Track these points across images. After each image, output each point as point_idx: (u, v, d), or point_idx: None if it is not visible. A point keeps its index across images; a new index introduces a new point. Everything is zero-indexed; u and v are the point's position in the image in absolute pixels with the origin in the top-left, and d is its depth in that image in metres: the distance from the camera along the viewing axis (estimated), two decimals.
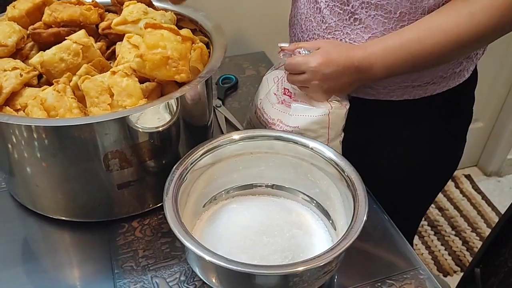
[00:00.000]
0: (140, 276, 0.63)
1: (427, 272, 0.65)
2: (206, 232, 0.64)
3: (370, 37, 0.76)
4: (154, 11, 0.76)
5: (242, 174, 0.70)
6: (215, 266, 0.53)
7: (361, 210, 0.56)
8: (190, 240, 0.52)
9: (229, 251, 0.59)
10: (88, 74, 0.66)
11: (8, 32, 0.70)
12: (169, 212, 0.56)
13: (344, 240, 0.53)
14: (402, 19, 0.73)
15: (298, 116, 0.72)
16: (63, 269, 0.65)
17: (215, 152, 0.66)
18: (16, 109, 0.66)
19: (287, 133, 0.68)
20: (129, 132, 0.62)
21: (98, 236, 0.69)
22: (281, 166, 0.69)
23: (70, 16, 0.72)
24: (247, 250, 0.60)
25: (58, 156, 0.62)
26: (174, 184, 0.60)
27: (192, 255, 0.56)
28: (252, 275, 0.52)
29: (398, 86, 0.79)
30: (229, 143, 0.67)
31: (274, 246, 0.60)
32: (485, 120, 1.94)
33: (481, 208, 1.90)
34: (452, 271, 1.66)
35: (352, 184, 0.60)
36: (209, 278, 0.57)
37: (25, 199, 0.72)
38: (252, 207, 0.67)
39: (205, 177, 0.67)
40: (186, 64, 0.65)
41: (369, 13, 0.74)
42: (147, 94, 0.66)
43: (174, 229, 0.53)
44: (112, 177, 0.65)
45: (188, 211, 0.64)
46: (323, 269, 0.54)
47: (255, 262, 0.58)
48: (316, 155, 0.65)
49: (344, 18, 0.77)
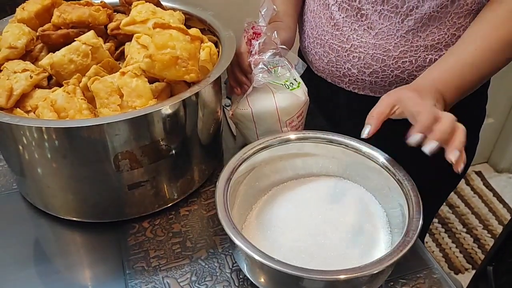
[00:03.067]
0: (151, 277, 0.63)
1: (440, 271, 0.64)
2: (262, 220, 0.65)
3: (377, 32, 0.76)
4: (162, 11, 0.75)
5: (297, 172, 0.71)
6: (263, 266, 0.53)
7: (415, 221, 0.56)
8: (240, 239, 0.53)
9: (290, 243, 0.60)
10: (97, 75, 0.66)
11: (17, 34, 0.70)
12: (220, 207, 0.57)
13: (399, 250, 0.52)
14: (409, 13, 0.73)
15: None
16: (75, 270, 0.65)
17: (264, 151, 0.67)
18: (26, 110, 0.66)
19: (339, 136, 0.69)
20: (139, 132, 0.62)
21: (109, 236, 0.69)
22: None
23: (79, 17, 0.72)
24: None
25: (69, 157, 0.62)
26: (225, 181, 0.61)
27: (240, 253, 0.57)
28: (301, 278, 0.51)
29: (404, 83, 0.79)
30: (283, 142, 0.68)
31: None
32: (496, 116, 1.92)
33: (493, 205, 1.89)
34: (464, 269, 1.65)
35: (407, 189, 0.60)
36: (256, 277, 0.58)
37: (36, 200, 0.72)
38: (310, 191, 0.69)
39: (253, 176, 0.68)
40: (196, 64, 0.65)
41: (376, 8, 0.74)
42: (157, 94, 0.65)
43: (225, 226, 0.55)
44: (122, 177, 0.65)
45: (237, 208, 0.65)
46: (374, 277, 0.54)
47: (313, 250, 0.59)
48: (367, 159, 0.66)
49: (351, 14, 0.77)
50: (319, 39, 0.85)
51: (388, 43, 0.77)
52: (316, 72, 0.90)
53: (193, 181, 0.74)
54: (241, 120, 0.77)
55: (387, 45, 0.77)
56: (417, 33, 0.75)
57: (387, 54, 0.77)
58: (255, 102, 0.75)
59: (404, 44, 0.76)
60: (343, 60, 0.82)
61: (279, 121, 0.75)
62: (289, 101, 0.75)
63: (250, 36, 0.74)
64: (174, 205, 0.73)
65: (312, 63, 0.90)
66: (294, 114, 0.76)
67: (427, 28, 0.75)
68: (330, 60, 0.84)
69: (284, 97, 0.74)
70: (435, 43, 0.76)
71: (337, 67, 0.84)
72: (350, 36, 0.79)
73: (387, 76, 0.79)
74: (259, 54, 0.73)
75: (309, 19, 0.87)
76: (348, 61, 0.81)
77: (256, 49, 0.73)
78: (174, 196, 0.73)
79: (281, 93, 0.74)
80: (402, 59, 0.77)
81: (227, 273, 0.64)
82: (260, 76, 0.72)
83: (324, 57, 0.85)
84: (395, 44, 0.76)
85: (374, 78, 0.80)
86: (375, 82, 0.81)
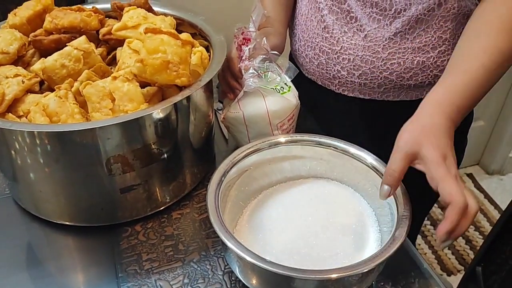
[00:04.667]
0: (144, 280, 0.64)
1: (430, 271, 0.65)
2: (254, 220, 0.65)
3: (366, 34, 0.77)
4: (153, 16, 0.76)
5: (285, 175, 0.72)
6: (255, 267, 0.53)
7: (404, 218, 0.57)
8: (232, 240, 0.53)
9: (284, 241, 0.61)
10: (89, 79, 0.66)
11: (9, 39, 0.70)
12: (211, 211, 0.57)
13: (389, 248, 0.53)
14: (397, 16, 0.74)
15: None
16: (67, 273, 0.65)
17: (255, 155, 0.68)
18: (18, 115, 0.66)
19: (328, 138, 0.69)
20: (131, 136, 0.63)
21: (102, 240, 0.69)
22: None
23: (70, 23, 0.73)
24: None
25: (61, 161, 0.63)
26: (216, 185, 0.61)
27: (232, 255, 0.57)
28: (291, 278, 0.52)
29: (392, 85, 0.80)
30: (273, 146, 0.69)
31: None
32: (486, 118, 1.94)
33: (484, 206, 1.90)
34: (456, 270, 1.66)
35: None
36: (248, 278, 0.58)
37: (28, 204, 0.72)
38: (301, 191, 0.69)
39: (243, 179, 0.68)
40: (187, 68, 0.66)
41: (365, 11, 0.76)
42: (148, 98, 0.66)
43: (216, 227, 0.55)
44: (114, 181, 0.65)
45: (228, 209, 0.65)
46: (365, 275, 0.55)
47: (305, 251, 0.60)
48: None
49: (341, 16, 0.78)
50: (310, 42, 0.86)
51: (377, 45, 0.78)
52: (306, 74, 0.91)
53: (185, 184, 0.75)
54: (232, 123, 0.78)
55: (376, 47, 0.78)
56: (405, 35, 0.76)
57: (376, 56, 0.79)
58: (246, 106, 0.75)
59: (393, 46, 0.77)
60: (333, 62, 0.83)
61: (270, 124, 0.76)
62: (280, 104, 0.75)
63: (240, 42, 0.75)
64: (166, 208, 0.73)
65: (303, 65, 0.91)
66: (285, 118, 0.77)
67: (415, 30, 0.76)
68: (321, 62, 0.85)
69: (274, 101, 0.75)
70: (423, 45, 0.77)
71: (327, 69, 0.85)
72: (340, 39, 0.80)
73: (376, 77, 0.80)
74: (249, 60, 0.74)
75: (300, 23, 0.88)
76: (338, 63, 0.82)
77: (246, 55, 0.74)
78: (166, 199, 0.73)
79: (271, 97, 0.75)
80: (390, 61, 0.78)
81: (219, 275, 0.64)
82: (250, 81, 0.73)
83: (314, 60, 0.86)
84: (384, 46, 0.78)
85: (363, 80, 0.81)
86: (364, 84, 0.82)
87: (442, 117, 0.60)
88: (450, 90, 0.63)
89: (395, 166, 0.58)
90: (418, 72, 0.79)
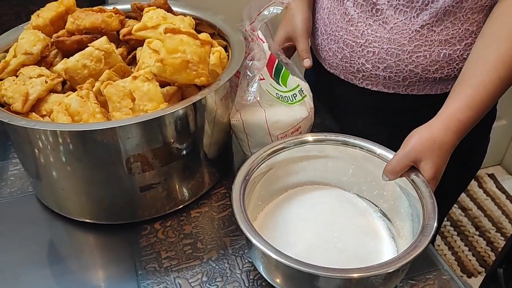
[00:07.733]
0: (163, 277, 0.64)
1: (449, 272, 0.64)
2: (271, 224, 0.65)
3: (392, 27, 0.77)
4: (173, 16, 0.77)
5: (305, 175, 0.72)
6: (281, 265, 0.53)
7: (430, 222, 0.56)
8: (257, 238, 0.54)
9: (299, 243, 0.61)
10: (110, 79, 0.67)
11: (33, 40, 0.72)
12: (236, 206, 0.58)
13: (415, 249, 0.53)
14: (425, 8, 0.73)
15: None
16: (88, 270, 0.66)
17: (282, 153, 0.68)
18: (41, 114, 0.68)
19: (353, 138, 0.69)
20: (150, 135, 0.63)
21: (122, 238, 0.70)
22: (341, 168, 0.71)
23: (92, 24, 0.74)
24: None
25: (83, 160, 0.64)
26: (241, 183, 0.62)
27: (256, 251, 0.57)
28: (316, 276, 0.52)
29: (418, 78, 0.79)
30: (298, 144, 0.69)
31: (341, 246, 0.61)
32: (508, 118, 1.91)
33: (506, 207, 1.87)
34: (477, 272, 1.63)
35: (420, 191, 0.61)
36: (272, 276, 0.58)
37: (51, 202, 0.74)
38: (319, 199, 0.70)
39: (266, 178, 0.68)
40: (206, 67, 0.66)
41: (391, 3, 0.75)
42: (168, 98, 0.67)
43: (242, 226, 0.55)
44: (134, 180, 0.66)
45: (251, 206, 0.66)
46: (389, 277, 0.54)
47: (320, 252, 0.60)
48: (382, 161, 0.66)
49: (366, 9, 0.78)
50: (333, 35, 0.85)
51: (403, 38, 0.77)
52: (329, 69, 0.91)
53: (203, 183, 0.75)
54: (235, 131, 0.78)
55: (402, 40, 0.78)
56: (432, 27, 0.76)
57: (401, 49, 0.78)
58: (246, 114, 0.75)
59: (419, 39, 0.77)
60: (358, 56, 0.83)
61: (269, 135, 0.75)
62: (282, 116, 0.74)
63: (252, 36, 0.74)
64: (185, 207, 0.74)
65: (325, 60, 0.90)
66: (288, 129, 0.75)
67: (442, 22, 0.75)
68: (344, 55, 0.85)
69: (275, 112, 0.74)
70: (449, 38, 0.76)
71: (351, 63, 0.84)
72: (364, 31, 0.80)
73: (401, 71, 0.80)
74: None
75: (322, 17, 0.88)
76: (362, 56, 0.82)
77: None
78: (185, 198, 0.74)
79: (272, 108, 0.74)
80: (416, 54, 0.78)
81: (237, 274, 0.65)
82: (254, 87, 0.72)
83: (338, 53, 0.86)
84: (410, 38, 0.77)
85: (388, 73, 0.81)
86: (389, 78, 0.81)
87: (454, 136, 0.64)
88: (470, 106, 0.65)
89: (398, 167, 0.63)
90: (444, 65, 0.78)
